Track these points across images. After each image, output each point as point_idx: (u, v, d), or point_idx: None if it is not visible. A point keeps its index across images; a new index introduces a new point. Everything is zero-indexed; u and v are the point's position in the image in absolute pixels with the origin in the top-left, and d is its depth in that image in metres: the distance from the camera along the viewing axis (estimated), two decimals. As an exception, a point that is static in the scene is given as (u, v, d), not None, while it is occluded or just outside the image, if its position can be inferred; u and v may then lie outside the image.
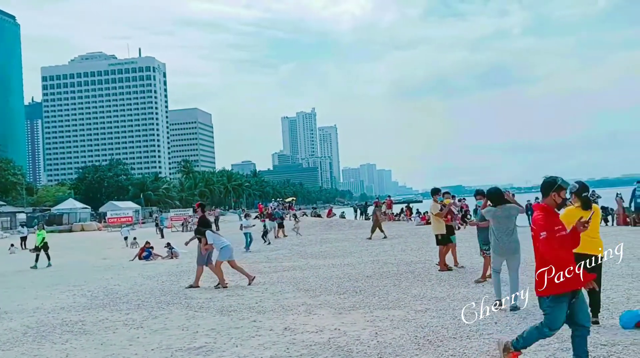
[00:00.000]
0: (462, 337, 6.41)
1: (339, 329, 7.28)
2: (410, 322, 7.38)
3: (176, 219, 52.25)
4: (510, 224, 8.19)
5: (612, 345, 5.65)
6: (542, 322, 4.94)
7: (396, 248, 18.11)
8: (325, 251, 18.86)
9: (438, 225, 12.34)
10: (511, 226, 8.17)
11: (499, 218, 8.20)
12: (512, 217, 8.25)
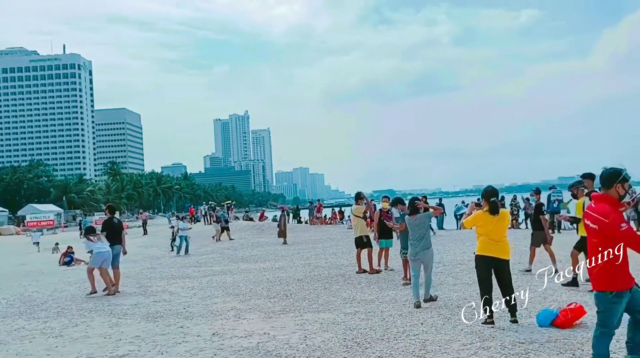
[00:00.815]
0: (390, 338, 6.52)
1: (268, 333, 7.23)
2: (339, 325, 7.43)
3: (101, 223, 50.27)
4: (422, 231, 8.72)
5: (530, 342, 5.91)
6: (597, 326, 4.75)
7: (327, 251, 18.22)
8: (256, 255, 18.71)
9: (362, 227, 12.50)
10: (422, 233, 8.71)
11: (412, 226, 8.76)
12: (424, 225, 8.82)
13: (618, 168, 4.69)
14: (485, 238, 6.98)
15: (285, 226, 23.41)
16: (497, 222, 6.96)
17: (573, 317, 6.47)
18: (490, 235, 6.95)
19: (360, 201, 12.92)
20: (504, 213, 7.11)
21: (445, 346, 6.00)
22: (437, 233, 23.16)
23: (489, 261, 6.92)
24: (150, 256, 20.85)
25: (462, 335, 6.42)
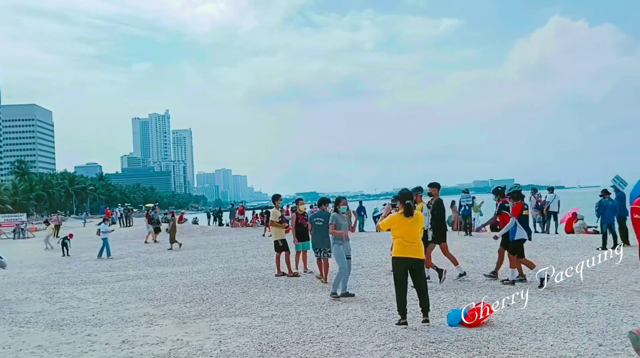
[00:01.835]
0: (305, 341, 6.51)
1: (181, 339, 7.03)
2: (255, 329, 7.35)
3: (6, 226, 47.11)
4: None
5: (440, 342, 6.09)
6: None
7: (248, 254, 18.04)
8: (173, 258, 18.21)
9: (278, 231, 12.44)
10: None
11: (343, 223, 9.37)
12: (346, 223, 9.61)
13: None
14: (400, 240, 7.14)
15: (173, 232, 22.39)
16: (411, 224, 7.14)
17: (481, 316, 6.73)
18: (405, 237, 7.11)
19: (277, 203, 12.84)
20: (418, 215, 7.31)
21: (359, 348, 6.07)
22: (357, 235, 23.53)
23: (404, 263, 7.08)
24: (59, 260, 19.76)
25: (376, 336, 6.52)
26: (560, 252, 13.80)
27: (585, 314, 7.09)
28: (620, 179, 15.67)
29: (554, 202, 21.22)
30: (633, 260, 11.70)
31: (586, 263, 9.16)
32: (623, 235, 14.77)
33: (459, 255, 14.29)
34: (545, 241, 16.79)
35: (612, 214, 14.24)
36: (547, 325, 6.61)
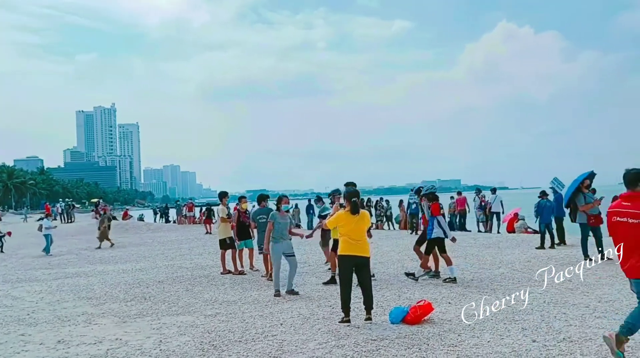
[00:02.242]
0: (248, 340, 6.46)
1: (120, 339, 6.84)
2: (197, 328, 7.23)
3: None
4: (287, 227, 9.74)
5: (381, 339, 6.16)
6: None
7: (193, 252, 17.77)
8: (116, 255, 17.74)
9: (224, 229, 12.29)
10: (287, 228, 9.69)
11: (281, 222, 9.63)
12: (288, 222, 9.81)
13: (635, 169, 5.21)
14: (346, 238, 7.17)
15: (105, 229, 21.52)
16: (357, 222, 7.18)
17: (422, 314, 6.85)
18: (351, 235, 7.15)
19: (224, 200, 12.69)
20: (364, 213, 7.35)
21: (301, 346, 6.06)
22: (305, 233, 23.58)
23: (350, 260, 7.12)
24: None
25: (319, 334, 6.54)
26: (501, 251, 14.22)
27: (523, 311, 7.32)
28: (559, 181, 16.29)
29: (496, 202, 21.89)
30: (568, 259, 12.20)
31: (586, 264, 9.46)
32: (560, 234, 15.37)
33: (404, 253, 14.54)
34: (488, 240, 17.28)
35: (550, 214, 14.77)
36: (485, 322, 6.79)
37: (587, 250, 11.80)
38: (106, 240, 21.16)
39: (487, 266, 11.56)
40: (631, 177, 5.17)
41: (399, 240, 18.57)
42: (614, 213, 5.25)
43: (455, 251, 14.50)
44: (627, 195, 5.19)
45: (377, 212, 27.17)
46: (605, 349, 5.42)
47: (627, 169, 5.25)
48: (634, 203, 5.07)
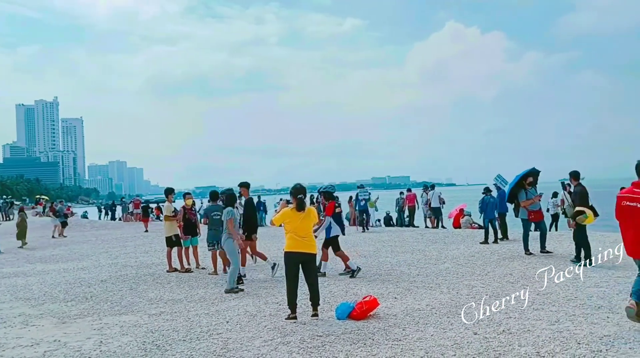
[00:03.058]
0: (192, 338, 6.35)
1: (59, 340, 6.60)
2: (141, 327, 7.06)
3: None
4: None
5: (327, 335, 6.18)
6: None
7: (139, 250, 17.36)
8: (58, 254, 17.13)
9: (170, 226, 12.04)
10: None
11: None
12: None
13: None
14: (292, 235, 7.15)
15: (23, 227, 20.81)
16: (303, 219, 7.17)
17: (367, 309, 6.91)
18: (297, 232, 7.13)
19: (170, 197, 12.44)
20: (310, 210, 7.34)
21: (247, 343, 6.01)
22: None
23: (297, 257, 7.11)
24: None
25: (265, 331, 6.50)
26: (447, 246, 14.54)
27: (465, 305, 7.49)
28: (502, 178, 16.78)
29: (435, 198, 22.40)
30: (510, 253, 12.59)
31: (586, 263, 9.66)
32: (503, 230, 15.84)
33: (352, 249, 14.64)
34: (434, 236, 17.64)
35: (493, 210, 15.20)
36: (429, 316, 6.92)
37: (527, 245, 12.21)
38: (21, 239, 20.39)
39: (432, 261, 11.79)
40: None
41: (347, 236, 18.66)
42: (624, 198, 5.92)
43: (403, 247, 14.76)
44: (639, 183, 5.86)
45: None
46: (542, 340, 5.63)
47: (639, 160, 5.88)
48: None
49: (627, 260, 10.74)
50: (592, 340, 5.55)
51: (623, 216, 5.99)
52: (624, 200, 5.95)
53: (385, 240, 16.81)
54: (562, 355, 5.13)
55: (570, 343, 5.49)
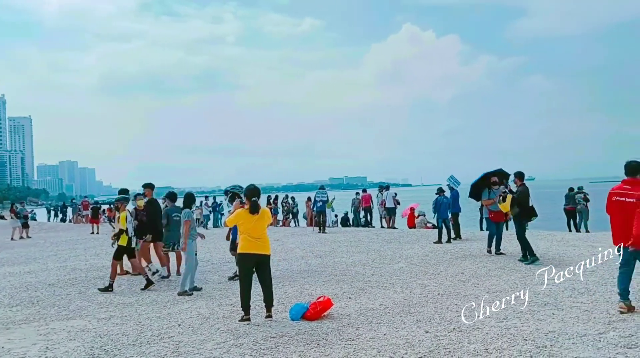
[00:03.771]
0: (142, 343, 6.21)
1: (2, 347, 6.34)
2: (89, 332, 6.86)
3: None
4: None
5: (280, 336, 6.15)
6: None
7: (89, 252, 16.87)
8: (2, 258, 16.42)
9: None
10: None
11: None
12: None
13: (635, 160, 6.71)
14: (246, 236, 7.09)
15: None
16: (257, 220, 7.12)
17: (321, 309, 6.93)
18: (251, 233, 7.08)
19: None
20: (264, 211, 7.30)
21: (199, 346, 5.92)
22: (212, 231, 23.18)
23: (251, 259, 7.06)
24: None
25: (217, 334, 6.42)
26: (401, 246, 14.72)
27: (417, 303, 7.60)
28: (454, 178, 17.11)
29: (389, 199, 22.69)
30: (462, 252, 12.85)
31: (586, 263, 9.77)
32: (456, 229, 16.16)
33: (309, 250, 14.66)
34: (390, 236, 17.82)
35: (447, 210, 15.48)
36: (382, 316, 6.98)
37: (490, 243, 12.40)
38: None
39: (387, 261, 11.91)
40: (632, 167, 6.68)
41: (303, 237, 18.71)
42: (615, 194, 6.74)
43: (359, 247, 14.86)
44: (628, 181, 6.70)
45: (284, 209, 27.24)
46: (490, 337, 5.76)
47: (628, 161, 6.73)
48: (633, 187, 6.58)
49: (574, 257, 11.15)
50: (537, 336, 5.72)
51: (613, 209, 6.76)
52: (614, 195, 6.74)
53: (341, 241, 16.89)
54: (509, 352, 5.26)
55: (517, 339, 5.64)
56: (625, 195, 6.60)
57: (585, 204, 19.74)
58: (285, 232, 21.63)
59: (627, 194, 6.59)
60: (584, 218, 19.67)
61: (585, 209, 19.72)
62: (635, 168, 6.68)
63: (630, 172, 6.72)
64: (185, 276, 9.16)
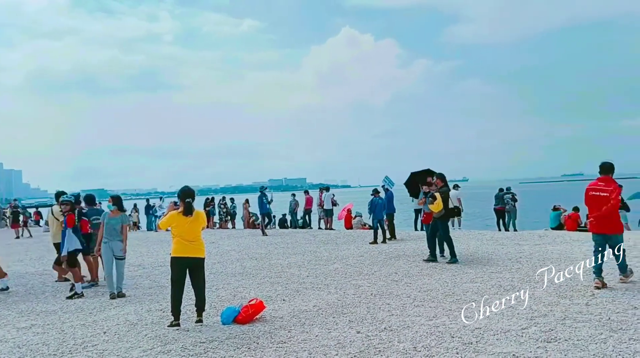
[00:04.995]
0: (64, 352, 5.91)
1: None
2: (7, 342, 6.48)
3: None
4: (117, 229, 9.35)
5: (210, 341, 6.02)
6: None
7: (12, 258, 16.00)
8: None
9: (57, 233, 11.24)
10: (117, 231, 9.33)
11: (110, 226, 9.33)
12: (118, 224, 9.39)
13: (609, 161, 8.07)
14: (179, 239, 6.92)
15: None
16: (191, 222, 6.96)
17: (254, 312, 6.83)
18: (185, 236, 6.91)
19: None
20: (198, 213, 7.13)
21: (124, 354, 5.70)
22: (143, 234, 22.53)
23: (183, 262, 6.89)
24: None
25: (145, 340, 6.20)
26: (338, 247, 14.80)
27: (350, 304, 7.64)
28: (389, 179, 17.37)
29: (327, 200, 22.86)
30: (397, 252, 13.05)
31: (586, 263, 9.80)
32: (391, 230, 16.41)
33: (245, 252, 14.49)
34: (327, 237, 17.90)
35: (382, 211, 15.69)
36: (315, 317, 6.97)
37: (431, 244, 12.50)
38: None
39: (323, 263, 11.94)
40: (606, 166, 8.05)
41: (240, 239, 18.50)
42: (591, 189, 8.05)
43: (295, 249, 14.84)
44: (602, 178, 8.04)
45: (221, 211, 26.85)
46: (420, 335, 5.85)
47: (602, 161, 8.10)
48: (606, 183, 7.95)
49: (502, 255, 11.53)
50: (464, 333, 5.86)
51: (590, 202, 8.08)
52: (591, 191, 8.07)
53: (277, 242, 16.81)
54: (436, 349, 5.36)
55: (444, 337, 5.75)
56: (600, 190, 7.98)
57: (513, 204, 20.51)
58: (222, 234, 21.33)
59: (601, 190, 7.97)
60: (512, 218, 20.44)
61: (513, 209, 20.49)
62: (608, 168, 8.06)
63: (604, 171, 8.07)
64: (108, 279, 9.15)
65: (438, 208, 11.19)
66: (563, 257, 10.91)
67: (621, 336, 5.46)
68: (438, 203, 11.14)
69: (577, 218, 19.78)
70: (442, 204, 11.17)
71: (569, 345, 5.25)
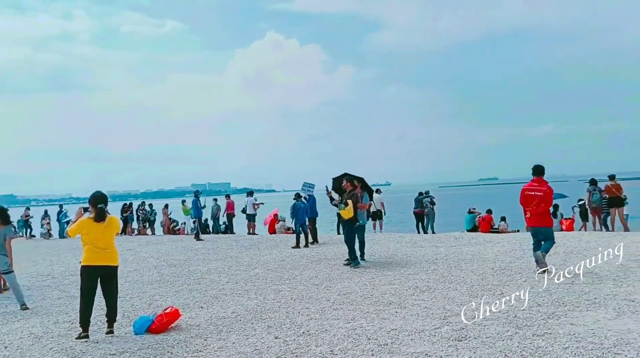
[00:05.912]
0: (-43, 371, 5.49)
1: None
2: None
3: None
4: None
5: (121, 353, 5.76)
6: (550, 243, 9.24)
7: None
8: None
9: None
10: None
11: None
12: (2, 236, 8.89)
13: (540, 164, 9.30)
14: (91, 247, 6.59)
15: None
16: (103, 229, 6.65)
17: (168, 321, 6.62)
18: (96, 243, 6.59)
19: None
20: (111, 219, 6.82)
21: (25, 370, 5.35)
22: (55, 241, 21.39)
23: (95, 271, 6.57)
24: None
25: (50, 354, 5.85)
26: (260, 251, 14.68)
27: (270, 309, 7.57)
28: (308, 184, 17.41)
29: (249, 205, 22.75)
30: (318, 256, 13.11)
31: (586, 263, 9.70)
32: (313, 233, 16.48)
33: (163, 259, 14.07)
34: (249, 242, 17.72)
35: (304, 215, 15.74)
36: (233, 324, 6.85)
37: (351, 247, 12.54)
38: None
39: (244, 268, 11.79)
40: (538, 169, 9.23)
41: (159, 246, 17.96)
42: (527, 189, 9.23)
43: (216, 254, 14.58)
44: (536, 179, 9.22)
45: (139, 217, 25.99)
46: (337, 338, 5.88)
47: (535, 164, 9.26)
48: (539, 184, 9.15)
49: (419, 256, 11.85)
50: (380, 334, 5.94)
51: (525, 201, 9.24)
52: (526, 191, 9.25)
53: (198, 248, 16.46)
54: (353, 352, 5.40)
55: (361, 339, 5.81)
56: (534, 190, 9.17)
57: (432, 207, 21.17)
58: (140, 241, 20.63)
59: (535, 189, 9.17)
60: (430, 221, 21.09)
61: (432, 212, 21.14)
62: (540, 170, 9.25)
63: (536, 172, 9.24)
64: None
65: (349, 214, 11.37)
66: (476, 258, 11.36)
67: (525, 332, 5.73)
68: (349, 209, 11.33)
69: (490, 220, 20.70)
70: (352, 211, 11.35)
71: (477, 343, 5.45)
